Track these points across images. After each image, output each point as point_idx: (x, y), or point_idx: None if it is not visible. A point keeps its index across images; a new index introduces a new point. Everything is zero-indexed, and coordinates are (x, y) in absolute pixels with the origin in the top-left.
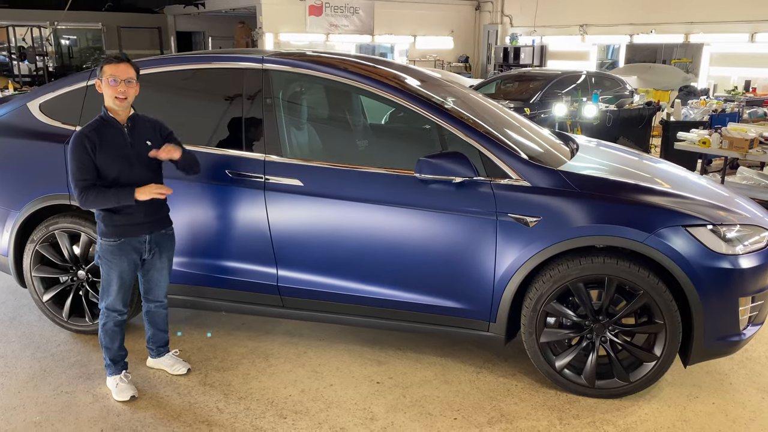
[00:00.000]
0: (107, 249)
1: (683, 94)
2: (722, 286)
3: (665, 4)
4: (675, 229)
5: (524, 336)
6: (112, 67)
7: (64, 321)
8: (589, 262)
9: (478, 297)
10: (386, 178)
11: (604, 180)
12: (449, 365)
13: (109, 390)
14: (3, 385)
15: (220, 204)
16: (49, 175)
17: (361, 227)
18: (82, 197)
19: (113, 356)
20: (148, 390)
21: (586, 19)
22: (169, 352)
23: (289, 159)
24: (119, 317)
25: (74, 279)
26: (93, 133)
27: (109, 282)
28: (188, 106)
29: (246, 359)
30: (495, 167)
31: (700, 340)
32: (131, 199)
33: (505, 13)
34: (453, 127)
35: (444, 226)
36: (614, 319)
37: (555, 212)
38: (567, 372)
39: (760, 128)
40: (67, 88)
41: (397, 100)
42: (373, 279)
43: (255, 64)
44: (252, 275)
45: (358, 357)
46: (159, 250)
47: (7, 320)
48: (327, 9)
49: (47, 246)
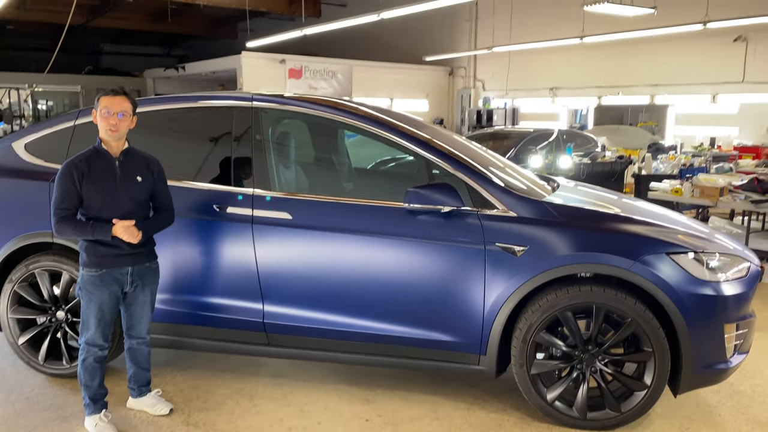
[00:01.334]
0: (88, 280)
1: (652, 150)
2: (707, 313)
3: (631, 68)
4: (659, 256)
5: (515, 368)
6: (108, 99)
7: (40, 364)
8: (577, 290)
9: (468, 329)
10: (375, 209)
11: (588, 210)
12: (440, 402)
13: (88, 431)
14: None
15: (206, 239)
16: (32, 212)
17: (349, 258)
18: (59, 225)
19: (93, 394)
20: (129, 431)
21: (556, 82)
22: (151, 392)
23: (277, 193)
24: (100, 352)
25: (52, 320)
26: (83, 162)
27: (88, 315)
28: (180, 143)
29: (230, 399)
30: (482, 198)
31: (688, 368)
32: (108, 235)
33: (478, 78)
34: (440, 161)
35: (433, 256)
36: (604, 348)
37: (541, 241)
38: (558, 404)
39: (728, 178)
40: (54, 128)
41: (384, 134)
42: (362, 312)
43: (244, 103)
44: (237, 312)
45: (346, 396)
46: (141, 284)
47: None
48: (306, 72)
49: (26, 286)
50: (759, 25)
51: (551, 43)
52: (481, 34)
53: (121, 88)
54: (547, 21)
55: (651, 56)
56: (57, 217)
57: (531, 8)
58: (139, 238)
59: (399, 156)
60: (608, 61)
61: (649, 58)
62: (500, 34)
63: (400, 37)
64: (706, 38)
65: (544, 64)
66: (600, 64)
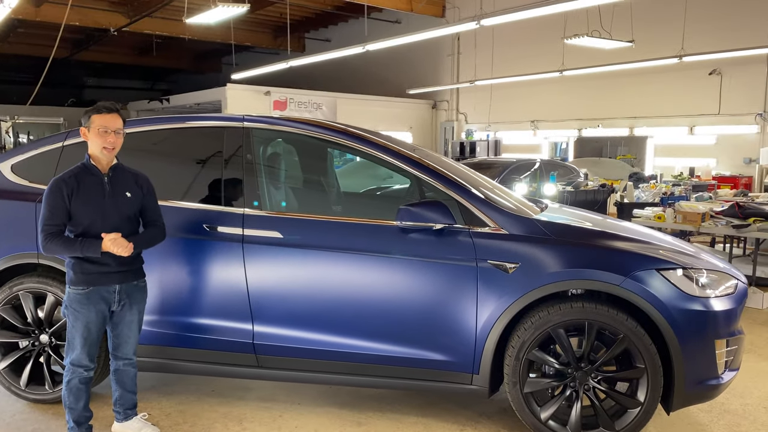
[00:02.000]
0: (75, 298)
1: (633, 180)
2: (698, 328)
3: (610, 101)
4: (649, 272)
5: (508, 386)
6: (103, 117)
7: (22, 389)
8: (569, 307)
9: (461, 347)
10: (367, 227)
11: (578, 228)
12: (431, 425)
13: None
14: None
15: (195, 258)
16: (18, 233)
17: (341, 277)
18: (47, 242)
19: (77, 417)
20: None
21: (537, 115)
22: (137, 416)
23: (268, 212)
24: (85, 373)
25: (35, 344)
26: (72, 179)
27: (74, 335)
28: (171, 163)
29: (218, 423)
30: (473, 216)
31: (681, 384)
32: (97, 251)
33: (460, 111)
34: (431, 180)
35: (425, 274)
36: (596, 365)
37: (533, 258)
38: (552, 423)
39: (709, 204)
40: (41, 149)
41: (376, 153)
42: (354, 331)
43: (235, 123)
44: (227, 333)
45: (336, 419)
46: (129, 302)
47: None
48: (291, 104)
49: (9, 309)
50: (732, 59)
51: (532, 76)
52: (464, 68)
53: (113, 105)
54: (528, 55)
55: (630, 89)
56: (45, 234)
57: (512, 42)
58: (130, 250)
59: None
60: (588, 94)
61: (627, 91)
62: (482, 67)
63: (384, 71)
64: (682, 71)
65: (526, 97)
66: (580, 97)
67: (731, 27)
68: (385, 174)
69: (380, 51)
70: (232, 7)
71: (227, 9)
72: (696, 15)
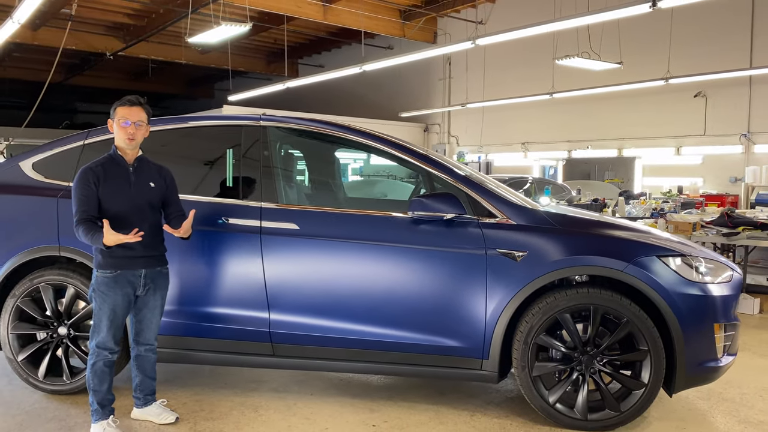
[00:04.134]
0: (102, 281)
1: (624, 197)
2: (698, 312)
3: (599, 123)
4: (651, 258)
5: (517, 370)
6: (125, 109)
7: (40, 381)
8: (575, 292)
9: (471, 333)
10: (380, 219)
11: (582, 218)
12: (442, 411)
13: None
14: None
15: (214, 250)
16: (40, 227)
17: (355, 266)
18: (75, 227)
19: (101, 400)
20: None
21: (528, 137)
22: (156, 402)
23: (285, 205)
24: (110, 356)
25: (53, 336)
26: (99, 167)
27: (101, 317)
28: (193, 159)
29: (235, 410)
30: (482, 208)
31: (682, 367)
32: (100, 243)
33: (452, 134)
34: (441, 174)
35: (436, 263)
36: (602, 348)
37: (540, 247)
38: (560, 406)
39: (699, 215)
40: (62, 148)
41: (388, 150)
42: (368, 319)
43: (252, 122)
44: (243, 322)
45: (349, 406)
46: (153, 287)
47: None
48: None
49: (29, 301)
50: (716, 82)
51: (523, 99)
52: (455, 92)
53: (137, 99)
54: (518, 78)
55: (618, 111)
56: (76, 220)
57: (503, 66)
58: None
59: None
60: (578, 116)
61: (616, 113)
62: (473, 91)
63: (376, 95)
64: (668, 94)
65: (516, 120)
66: (570, 119)
67: (716, 51)
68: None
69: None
70: (235, 26)
71: (230, 28)
72: (682, 39)
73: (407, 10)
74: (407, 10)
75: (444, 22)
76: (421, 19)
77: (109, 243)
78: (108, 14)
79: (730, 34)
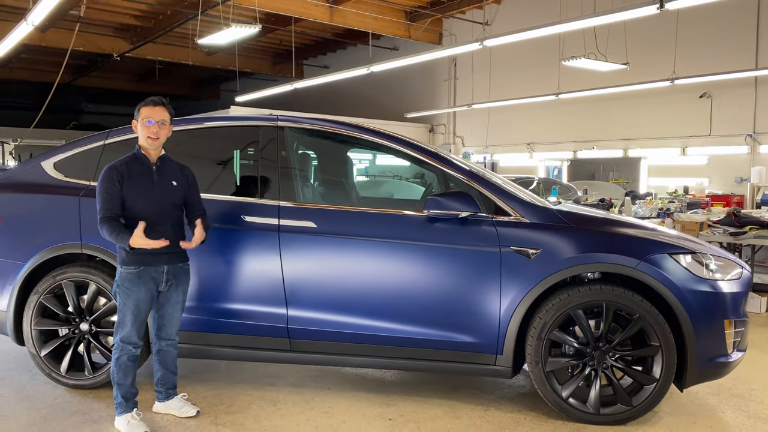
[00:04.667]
0: (127, 277)
1: (630, 197)
2: (708, 308)
3: (605, 123)
4: (662, 256)
5: (530, 366)
6: (149, 109)
7: (62, 375)
8: (588, 289)
9: (486, 329)
10: (396, 217)
11: (594, 216)
12: (456, 405)
13: (119, 430)
14: (5, 430)
15: (233, 247)
16: (62, 225)
17: (372, 264)
18: (100, 225)
19: (125, 393)
20: (157, 430)
21: (533, 137)
22: (177, 396)
23: (302, 204)
24: (134, 350)
25: (75, 332)
26: (123, 166)
27: (125, 312)
28: (212, 158)
29: (254, 404)
30: (496, 206)
31: (693, 362)
32: (126, 243)
33: (457, 134)
34: (456, 173)
35: (451, 261)
36: (614, 344)
37: (554, 244)
38: (573, 401)
39: (706, 214)
40: (83, 148)
41: (403, 149)
42: (385, 315)
43: (270, 122)
44: (262, 318)
45: (365, 401)
46: (175, 283)
47: None
48: None
49: (51, 297)
50: (722, 83)
51: (529, 99)
52: (460, 92)
53: (160, 99)
54: (524, 79)
55: (624, 112)
56: (100, 217)
57: (509, 67)
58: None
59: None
60: (583, 116)
61: (622, 114)
62: (479, 92)
63: (382, 96)
64: (674, 94)
65: (522, 120)
66: (575, 120)
67: (721, 52)
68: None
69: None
70: (245, 27)
71: (240, 29)
72: (687, 40)
73: (413, 11)
74: (413, 11)
75: (449, 23)
76: (427, 20)
77: (135, 245)
78: (116, 16)
79: (735, 35)
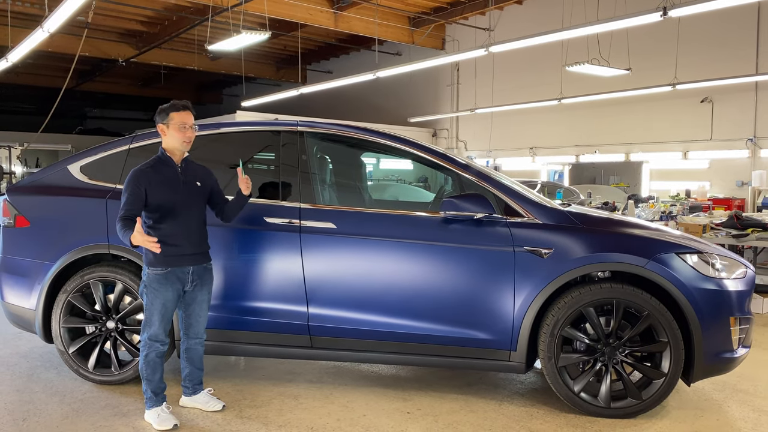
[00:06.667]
0: (154, 278)
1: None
2: (715, 305)
3: (607, 128)
4: (670, 255)
5: (543, 361)
6: (182, 114)
7: (89, 372)
8: (598, 287)
9: (501, 326)
10: (413, 218)
11: (603, 217)
12: (471, 400)
13: (149, 423)
14: (39, 422)
15: (255, 247)
16: (90, 226)
17: (390, 263)
18: (117, 223)
19: (155, 388)
20: (186, 423)
21: (536, 142)
22: (204, 390)
23: (322, 206)
24: (161, 347)
25: (102, 330)
26: (150, 169)
27: (152, 312)
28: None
29: (276, 399)
30: (509, 208)
31: (700, 357)
32: (127, 240)
33: (460, 139)
34: (470, 176)
35: (467, 260)
36: (624, 340)
37: (566, 244)
38: (584, 395)
39: (709, 217)
40: (108, 152)
41: (418, 153)
42: (403, 312)
43: (290, 127)
44: (283, 316)
45: (383, 395)
46: (200, 283)
47: (25, 377)
48: None
49: (79, 296)
50: (723, 87)
51: (531, 104)
52: (463, 97)
53: (187, 103)
54: (527, 83)
55: (626, 116)
56: (118, 216)
57: (512, 72)
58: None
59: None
60: (586, 121)
61: (624, 118)
62: (482, 96)
63: (385, 101)
64: (676, 99)
65: (525, 125)
66: (578, 124)
67: (722, 57)
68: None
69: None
70: (254, 34)
71: (249, 36)
72: (688, 46)
73: (416, 17)
74: (416, 17)
75: (452, 28)
76: (430, 26)
77: (135, 243)
78: (122, 21)
79: (736, 41)
